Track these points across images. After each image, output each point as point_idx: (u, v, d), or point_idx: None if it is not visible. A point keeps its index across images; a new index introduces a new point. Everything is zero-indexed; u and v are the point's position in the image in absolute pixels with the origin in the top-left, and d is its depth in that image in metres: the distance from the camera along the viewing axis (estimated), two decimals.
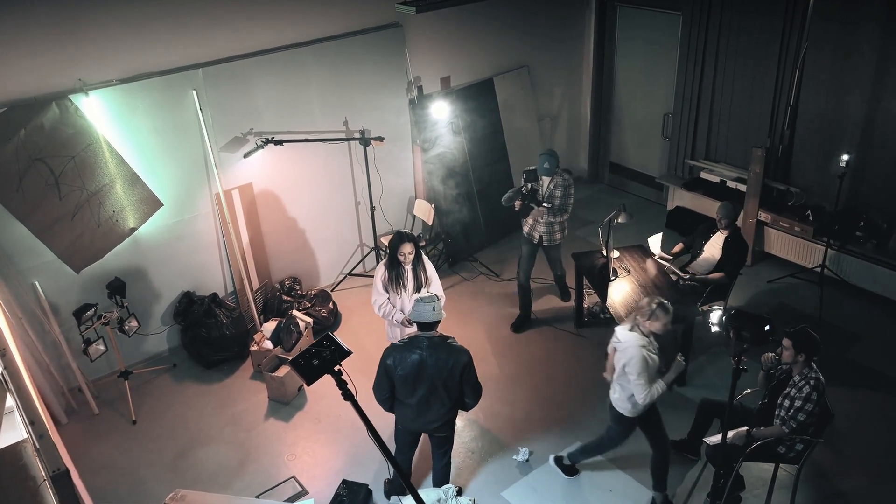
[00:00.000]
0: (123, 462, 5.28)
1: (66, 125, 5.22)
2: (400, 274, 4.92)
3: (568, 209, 6.02)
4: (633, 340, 4.28)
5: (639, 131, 8.52)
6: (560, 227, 6.12)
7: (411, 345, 4.07)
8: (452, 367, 4.04)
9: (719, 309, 3.74)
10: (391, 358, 4.06)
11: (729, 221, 5.85)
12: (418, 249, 4.91)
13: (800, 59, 6.53)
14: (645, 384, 4.24)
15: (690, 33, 7.27)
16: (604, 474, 4.98)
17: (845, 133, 6.44)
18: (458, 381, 4.09)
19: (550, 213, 5.96)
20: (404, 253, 4.82)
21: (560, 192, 5.94)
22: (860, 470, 4.91)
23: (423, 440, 4.62)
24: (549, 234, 6.10)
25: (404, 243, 4.82)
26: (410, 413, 4.21)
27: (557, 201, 5.94)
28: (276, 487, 4.99)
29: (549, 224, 6.05)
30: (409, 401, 4.14)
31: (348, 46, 6.42)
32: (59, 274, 5.56)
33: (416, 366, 4.01)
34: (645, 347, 4.25)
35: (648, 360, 4.24)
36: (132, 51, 5.40)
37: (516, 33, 7.71)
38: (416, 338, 4.09)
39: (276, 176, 6.44)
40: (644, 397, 4.27)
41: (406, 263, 4.89)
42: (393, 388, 4.14)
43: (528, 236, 6.20)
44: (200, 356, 6.12)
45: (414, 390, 4.09)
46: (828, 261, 6.43)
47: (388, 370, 4.06)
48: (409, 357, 4.02)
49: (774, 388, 4.50)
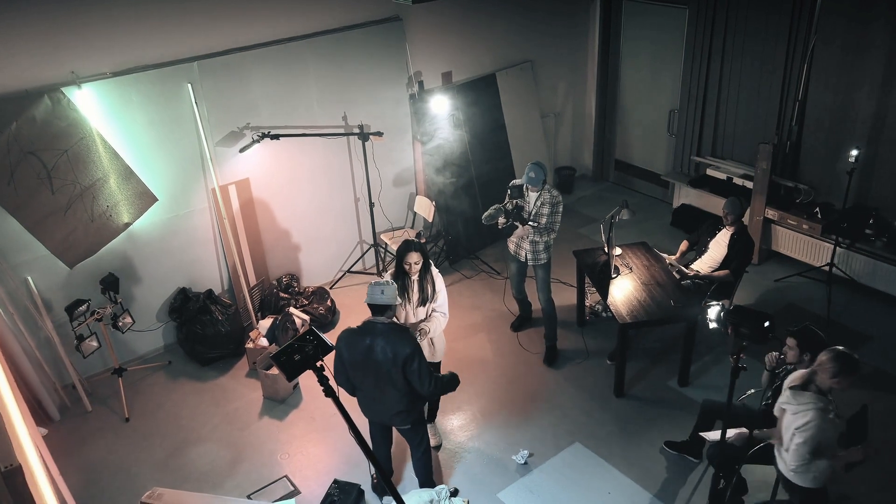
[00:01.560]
0: (115, 460, 5.21)
1: (59, 118, 5.15)
2: (406, 285, 4.63)
3: (555, 228, 5.51)
4: (810, 402, 3.68)
5: (644, 128, 8.39)
6: (545, 246, 5.60)
7: (364, 330, 4.00)
8: (394, 357, 3.94)
9: (717, 304, 3.60)
10: (342, 340, 4.02)
11: (735, 217, 5.72)
12: (427, 260, 4.65)
13: (808, 54, 6.38)
14: (808, 453, 3.66)
15: (697, 28, 7.14)
16: (602, 476, 4.86)
17: (854, 129, 6.30)
18: (401, 371, 3.97)
19: (536, 233, 5.49)
20: (410, 262, 4.56)
21: (547, 211, 5.43)
22: (866, 474, 4.76)
23: None
24: (534, 253, 5.60)
25: (410, 252, 4.56)
26: (366, 399, 4.20)
27: (544, 220, 5.45)
28: (269, 486, 4.90)
29: (534, 243, 5.56)
30: (362, 387, 4.13)
31: (347, 40, 6.33)
32: (52, 269, 5.50)
33: (365, 351, 3.95)
34: (824, 410, 3.65)
35: (828, 426, 3.65)
36: (126, 43, 5.33)
37: (519, 28, 7.61)
38: (369, 322, 4.01)
39: (273, 171, 6.36)
40: (800, 464, 3.72)
41: (412, 274, 4.62)
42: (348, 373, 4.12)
43: (515, 255, 5.74)
44: (195, 353, 6.04)
45: (364, 376, 4.05)
46: (836, 259, 6.28)
47: (339, 352, 4.03)
48: (359, 342, 3.96)
49: (778, 388, 4.36)
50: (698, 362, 5.75)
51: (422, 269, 4.61)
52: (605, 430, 5.22)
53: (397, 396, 4.09)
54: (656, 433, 5.16)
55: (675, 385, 5.60)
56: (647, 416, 5.34)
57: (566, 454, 5.04)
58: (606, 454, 5.01)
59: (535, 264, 5.65)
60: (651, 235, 7.29)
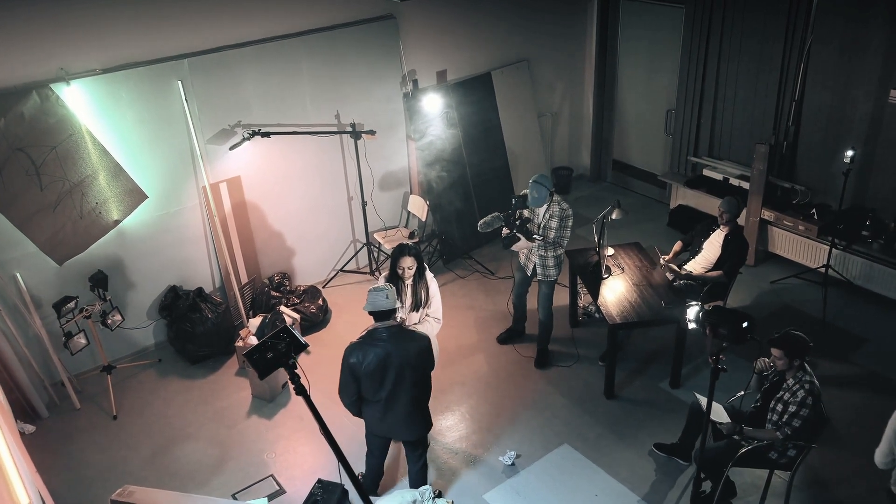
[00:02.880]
0: (101, 458, 5.18)
1: (47, 114, 5.14)
2: (399, 289, 4.59)
3: (563, 243, 5.36)
4: None
5: (642, 128, 8.33)
6: (555, 262, 5.44)
7: (371, 338, 3.90)
8: (418, 354, 3.93)
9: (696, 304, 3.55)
10: (353, 356, 3.87)
11: (731, 217, 5.66)
12: (421, 265, 4.62)
13: (805, 54, 6.32)
14: None
15: (694, 27, 7.08)
16: (590, 478, 4.81)
17: (851, 129, 6.23)
18: (423, 367, 3.99)
19: (542, 247, 5.38)
20: (403, 267, 4.53)
21: (556, 224, 5.27)
22: (860, 477, 4.70)
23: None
24: (543, 268, 5.46)
25: (404, 256, 4.53)
26: (378, 412, 4.05)
27: (552, 234, 5.28)
28: (254, 486, 4.87)
29: (542, 258, 5.42)
30: (375, 398, 3.99)
31: (340, 38, 6.30)
32: (41, 266, 5.48)
33: (381, 359, 3.86)
34: None
35: None
36: (116, 39, 5.31)
37: (515, 26, 7.56)
38: (374, 330, 3.92)
39: (265, 170, 6.33)
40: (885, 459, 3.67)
41: (406, 279, 4.60)
42: (359, 388, 3.97)
43: (523, 266, 5.65)
44: (185, 351, 6.02)
45: (381, 385, 3.93)
46: (832, 261, 6.21)
47: (353, 368, 3.88)
48: (371, 351, 3.86)
49: (768, 390, 4.31)
50: (690, 364, 5.69)
51: (416, 273, 4.58)
52: (594, 432, 5.17)
53: (413, 401, 4.03)
54: (646, 435, 5.10)
55: (666, 387, 5.55)
56: (637, 417, 5.29)
57: (554, 456, 4.99)
58: (595, 456, 4.96)
59: (543, 279, 5.54)
60: (648, 237, 7.23)
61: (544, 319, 5.73)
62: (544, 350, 5.87)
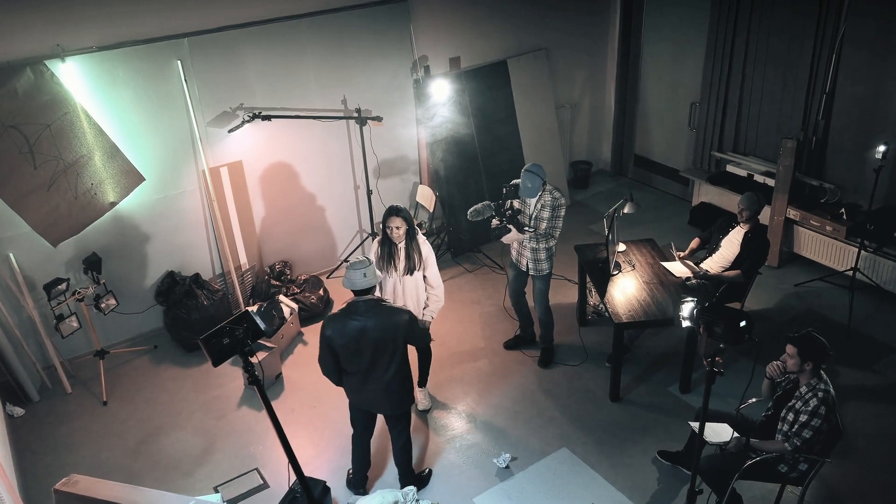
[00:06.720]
0: (87, 444, 5.07)
1: (42, 92, 5.02)
2: (392, 252, 4.65)
3: (555, 234, 5.08)
4: None
5: (665, 121, 7.99)
6: (547, 255, 5.16)
7: (348, 312, 3.91)
8: (395, 329, 3.91)
9: (692, 301, 3.27)
10: (329, 328, 3.89)
11: (751, 214, 5.33)
12: (412, 227, 4.63)
13: (837, 43, 5.95)
14: None
15: (720, 15, 6.74)
16: (587, 485, 4.54)
17: (886, 123, 5.85)
18: (403, 341, 3.97)
19: (534, 239, 5.12)
20: (392, 227, 4.56)
21: (548, 214, 4.99)
22: (878, 495, 4.36)
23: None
24: (535, 262, 5.19)
25: (392, 216, 4.56)
26: (357, 383, 4.07)
27: (544, 224, 5.02)
28: (237, 479, 4.71)
29: (534, 251, 5.15)
30: (353, 370, 4.00)
31: (348, 20, 6.10)
32: (35, 247, 5.37)
33: (357, 332, 3.86)
34: None
35: None
36: (113, 16, 5.18)
37: (534, 13, 7.29)
38: (353, 303, 3.93)
39: (269, 155, 6.17)
40: None
41: (397, 240, 4.61)
42: (338, 359, 3.97)
43: (516, 262, 5.36)
44: (181, 338, 5.89)
45: (359, 357, 3.93)
46: (861, 264, 5.84)
47: (329, 341, 3.90)
48: (348, 325, 3.87)
49: (780, 398, 4.01)
50: (702, 368, 5.36)
51: (407, 236, 4.59)
52: (596, 436, 4.90)
53: (391, 375, 4.02)
54: (651, 441, 4.82)
55: (675, 391, 5.25)
56: (642, 422, 5.01)
57: (551, 460, 4.73)
58: (594, 462, 4.69)
59: (535, 274, 5.27)
60: (667, 235, 6.89)
61: (543, 317, 5.47)
62: (548, 349, 5.61)
